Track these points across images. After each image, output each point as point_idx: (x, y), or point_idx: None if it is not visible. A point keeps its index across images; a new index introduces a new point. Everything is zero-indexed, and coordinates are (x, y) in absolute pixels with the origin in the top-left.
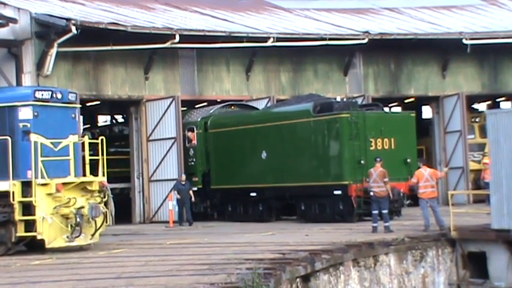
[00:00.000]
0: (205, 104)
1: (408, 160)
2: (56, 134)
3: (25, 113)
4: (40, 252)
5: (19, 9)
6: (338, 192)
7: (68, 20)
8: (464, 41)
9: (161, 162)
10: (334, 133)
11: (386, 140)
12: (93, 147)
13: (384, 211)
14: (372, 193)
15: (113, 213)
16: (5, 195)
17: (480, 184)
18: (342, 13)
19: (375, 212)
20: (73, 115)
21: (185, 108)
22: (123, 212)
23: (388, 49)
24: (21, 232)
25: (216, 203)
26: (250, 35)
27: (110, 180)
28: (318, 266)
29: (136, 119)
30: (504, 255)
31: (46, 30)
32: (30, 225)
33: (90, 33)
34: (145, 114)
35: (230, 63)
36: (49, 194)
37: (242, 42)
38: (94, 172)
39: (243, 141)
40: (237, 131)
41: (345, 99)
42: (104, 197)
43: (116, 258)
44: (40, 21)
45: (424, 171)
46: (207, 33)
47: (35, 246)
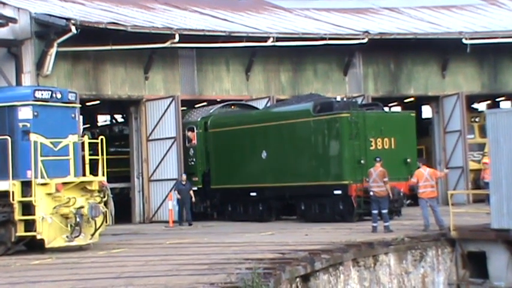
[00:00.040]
0: (205, 104)
1: (408, 160)
2: (56, 134)
3: (25, 113)
4: (40, 252)
5: (19, 9)
6: (338, 192)
7: (68, 20)
8: (464, 41)
9: (161, 162)
10: (334, 133)
11: (386, 140)
12: (93, 147)
13: (384, 211)
14: (372, 193)
15: (113, 213)
16: (5, 195)
17: (480, 184)
18: (342, 13)
19: (375, 212)
20: (73, 115)
21: (185, 108)
22: (122, 212)
23: (388, 49)
24: (20, 232)
25: (216, 203)
26: (250, 35)
27: (110, 180)
28: (318, 266)
29: (136, 119)
30: (504, 255)
31: (46, 30)
32: (29, 225)
33: (89, 33)
34: (145, 114)
35: (230, 63)
36: (49, 194)
37: (242, 42)
38: (94, 172)
39: (243, 141)
40: (237, 131)
41: (345, 99)
42: (104, 197)
43: (116, 258)
44: (40, 21)
45: (424, 171)
46: (207, 33)
47: (35, 246)
